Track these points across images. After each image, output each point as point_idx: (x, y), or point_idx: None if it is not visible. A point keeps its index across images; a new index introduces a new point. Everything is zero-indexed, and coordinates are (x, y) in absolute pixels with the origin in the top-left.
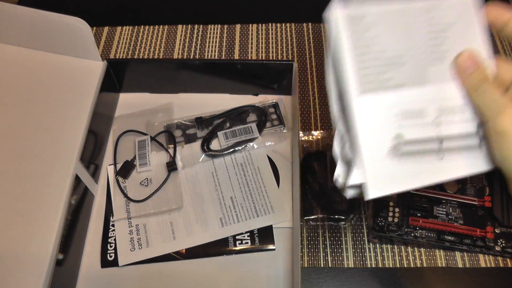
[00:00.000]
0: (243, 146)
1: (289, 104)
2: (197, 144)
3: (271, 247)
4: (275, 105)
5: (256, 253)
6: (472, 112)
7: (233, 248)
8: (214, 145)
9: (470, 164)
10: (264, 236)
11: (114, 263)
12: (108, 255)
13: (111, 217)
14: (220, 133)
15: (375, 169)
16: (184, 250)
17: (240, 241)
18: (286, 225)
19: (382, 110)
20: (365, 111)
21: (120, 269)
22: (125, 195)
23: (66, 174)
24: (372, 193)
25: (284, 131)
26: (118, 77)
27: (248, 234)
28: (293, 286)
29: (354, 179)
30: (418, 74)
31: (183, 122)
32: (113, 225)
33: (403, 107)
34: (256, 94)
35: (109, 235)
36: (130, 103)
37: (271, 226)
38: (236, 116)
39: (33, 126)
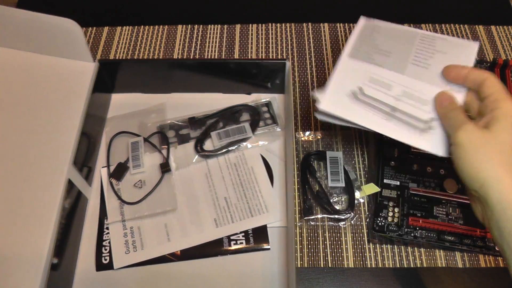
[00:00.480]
0: (237, 146)
1: (282, 103)
2: (190, 145)
3: (266, 246)
4: (268, 104)
5: (251, 252)
6: (431, 108)
7: (228, 248)
8: (208, 145)
9: (409, 136)
10: (258, 235)
11: (109, 266)
12: (103, 258)
13: (105, 220)
14: (213, 133)
15: (332, 96)
16: (179, 252)
17: (234, 241)
18: (281, 225)
19: (358, 71)
20: (345, 66)
21: (115, 272)
22: (119, 198)
23: (59, 178)
24: (321, 106)
25: (278, 129)
26: (110, 77)
27: (243, 234)
28: (288, 285)
29: (316, 94)
30: (398, 66)
31: (176, 122)
32: (107, 228)
33: (375, 76)
34: (249, 93)
35: (104, 238)
36: (122, 103)
37: (265, 225)
38: (230, 115)
39: (25, 129)
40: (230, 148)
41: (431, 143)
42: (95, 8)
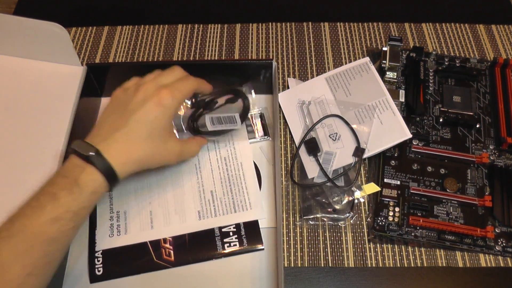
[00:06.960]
0: (227, 135)
1: (270, 105)
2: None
3: (260, 247)
4: (261, 116)
5: (246, 254)
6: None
7: (222, 252)
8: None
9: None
10: (251, 236)
11: (103, 277)
12: (96, 269)
13: (95, 229)
14: (207, 117)
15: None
16: (173, 258)
17: (228, 244)
18: (270, 225)
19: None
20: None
21: (110, 283)
22: None
23: None
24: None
25: (269, 139)
26: (99, 81)
27: (236, 236)
28: (278, 285)
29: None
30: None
31: None
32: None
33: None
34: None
35: (96, 249)
36: None
37: (258, 226)
38: (226, 93)
39: (14, 134)
40: (221, 136)
41: None
42: (95, 8)
